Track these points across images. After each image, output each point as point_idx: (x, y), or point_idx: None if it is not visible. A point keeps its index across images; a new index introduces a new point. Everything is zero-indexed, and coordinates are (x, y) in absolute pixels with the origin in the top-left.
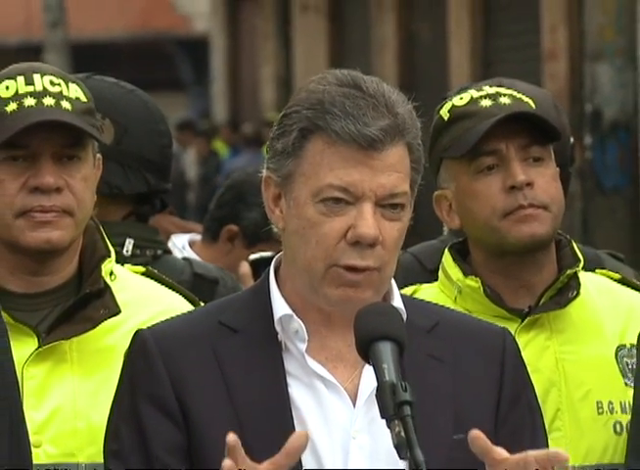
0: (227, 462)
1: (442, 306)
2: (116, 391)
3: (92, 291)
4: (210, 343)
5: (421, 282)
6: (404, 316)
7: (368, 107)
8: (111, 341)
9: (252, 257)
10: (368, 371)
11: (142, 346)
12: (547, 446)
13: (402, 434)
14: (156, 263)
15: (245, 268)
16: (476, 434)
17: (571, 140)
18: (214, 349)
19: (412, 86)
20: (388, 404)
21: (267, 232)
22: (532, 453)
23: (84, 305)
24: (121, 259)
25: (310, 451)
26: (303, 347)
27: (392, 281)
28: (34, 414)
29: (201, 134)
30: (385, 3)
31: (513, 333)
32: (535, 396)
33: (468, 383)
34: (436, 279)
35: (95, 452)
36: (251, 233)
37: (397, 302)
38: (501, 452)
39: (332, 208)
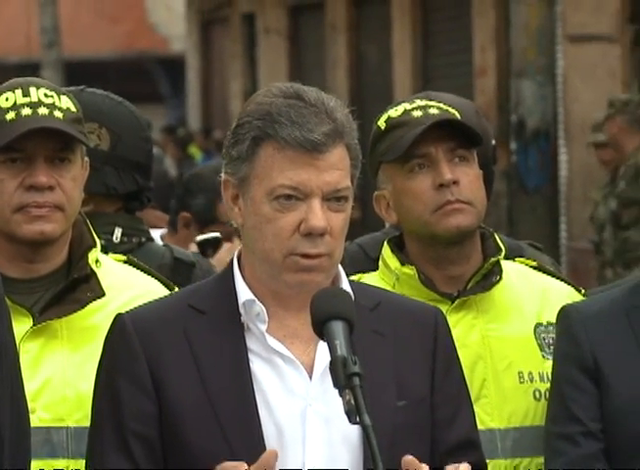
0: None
1: (383, 289)
2: (98, 367)
3: (80, 276)
4: (181, 324)
5: (366, 269)
6: (352, 298)
7: (310, 115)
8: (96, 320)
9: (198, 238)
10: (322, 347)
11: (121, 327)
12: (473, 414)
13: (352, 402)
14: (140, 249)
15: (193, 249)
16: (408, 460)
17: (493, 142)
18: (185, 329)
19: (361, 100)
20: (340, 376)
21: (214, 215)
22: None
23: (73, 288)
24: (111, 245)
25: (270, 419)
26: (264, 327)
27: (340, 267)
28: (29, 384)
29: (177, 140)
30: (337, 26)
31: (445, 313)
32: (462, 369)
33: (406, 355)
34: (378, 267)
35: (82, 417)
36: (200, 217)
37: (345, 285)
38: None
39: (284, 204)
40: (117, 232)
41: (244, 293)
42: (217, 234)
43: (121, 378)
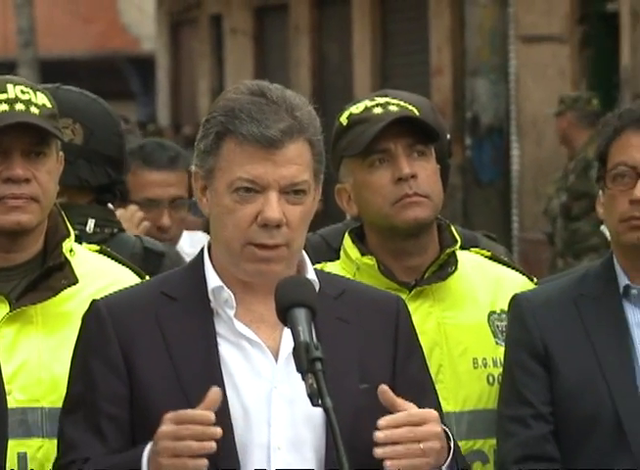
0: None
1: (347, 278)
2: (73, 350)
3: (54, 265)
4: (154, 310)
5: (328, 259)
6: (317, 286)
7: (270, 112)
8: (70, 306)
9: None
10: (287, 332)
11: (96, 313)
12: (438, 399)
13: (314, 385)
14: (112, 240)
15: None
16: (383, 388)
17: (448, 137)
18: (157, 315)
19: (323, 97)
20: (303, 361)
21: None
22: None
23: (47, 276)
24: (84, 236)
25: (237, 400)
26: (232, 313)
27: (306, 257)
28: (5, 367)
29: (147, 135)
30: (300, 28)
31: None
32: (424, 356)
33: (369, 341)
34: (340, 257)
35: (56, 399)
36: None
37: (311, 274)
38: (403, 403)
39: (243, 197)
40: (91, 223)
41: (213, 280)
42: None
43: (95, 361)
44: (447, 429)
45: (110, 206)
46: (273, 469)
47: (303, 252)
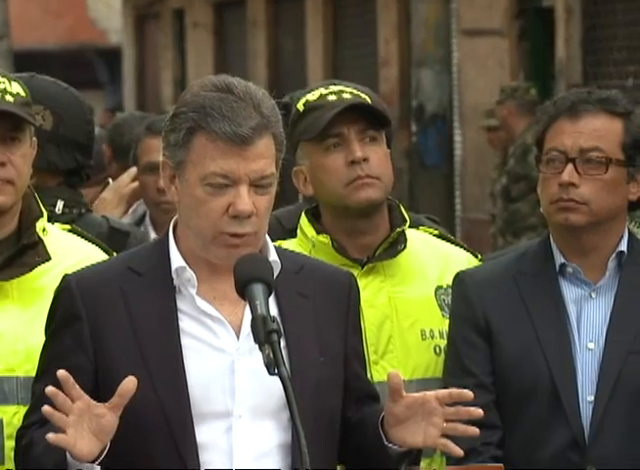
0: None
1: (304, 254)
2: (46, 322)
3: (28, 243)
4: (120, 284)
5: (280, 239)
6: (279, 267)
7: (240, 109)
8: (43, 282)
9: None
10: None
11: (67, 287)
12: (366, 365)
13: (271, 355)
14: (80, 219)
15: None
16: (394, 372)
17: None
18: (122, 289)
19: (279, 87)
20: (260, 332)
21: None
22: (432, 394)
23: (22, 253)
24: (54, 216)
25: (198, 372)
26: (194, 291)
27: (269, 239)
28: None
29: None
30: (257, 22)
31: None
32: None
33: (325, 314)
34: (293, 237)
35: (31, 368)
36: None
37: (273, 255)
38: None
39: (215, 189)
40: (60, 204)
41: (176, 260)
42: None
43: (64, 335)
44: None
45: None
46: (235, 437)
47: (266, 235)
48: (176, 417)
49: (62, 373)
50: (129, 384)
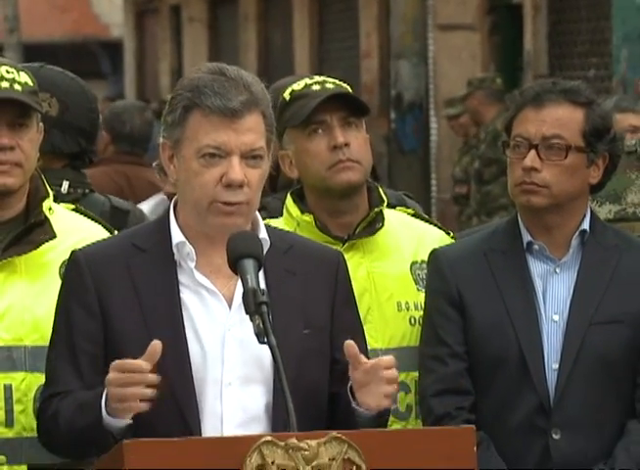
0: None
1: (295, 234)
2: (58, 295)
3: (35, 221)
4: (125, 259)
5: None
6: (268, 244)
7: (230, 87)
8: (49, 258)
9: None
10: (240, 282)
11: (75, 262)
12: (366, 344)
13: (261, 325)
14: (84, 199)
15: None
16: (349, 342)
17: None
18: (128, 264)
19: (268, 77)
20: (251, 304)
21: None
22: (379, 360)
23: (30, 231)
24: (60, 196)
25: (196, 341)
26: (192, 264)
27: (260, 218)
28: None
29: None
30: (248, 17)
31: None
32: (357, 305)
33: (312, 290)
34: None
35: (38, 338)
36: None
37: (263, 233)
38: (363, 358)
39: (209, 161)
40: (65, 185)
41: (176, 236)
42: None
43: (75, 305)
44: None
45: None
46: (224, 402)
47: (257, 212)
48: (180, 384)
49: (156, 344)
50: (157, 347)
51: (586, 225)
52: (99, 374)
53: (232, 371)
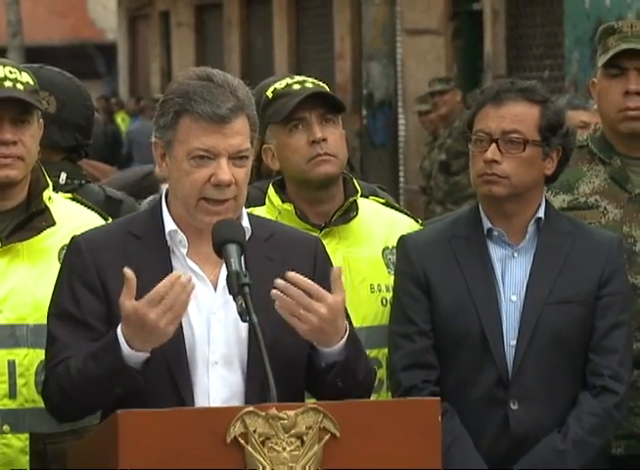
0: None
1: (276, 222)
2: (57, 278)
3: (36, 210)
4: (122, 246)
5: (260, 204)
6: (250, 232)
7: (219, 93)
8: (49, 243)
9: None
10: (225, 269)
11: (76, 246)
12: (349, 318)
13: (243, 305)
14: (81, 189)
15: None
16: (337, 268)
17: None
18: (125, 250)
19: (250, 78)
20: (234, 285)
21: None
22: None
23: (31, 219)
24: (58, 186)
25: (187, 323)
26: (185, 251)
27: (243, 208)
28: None
29: (108, 107)
30: (232, 21)
31: None
32: None
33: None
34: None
35: (39, 317)
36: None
37: (245, 222)
38: (328, 295)
39: (199, 162)
40: (63, 176)
41: (169, 224)
42: None
43: (78, 284)
44: (349, 328)
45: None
46: (211, 381)
47: None
48: (176, 365)
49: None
50: (128, 274)
51: (541, 213)
52: None
53: (217, 351)
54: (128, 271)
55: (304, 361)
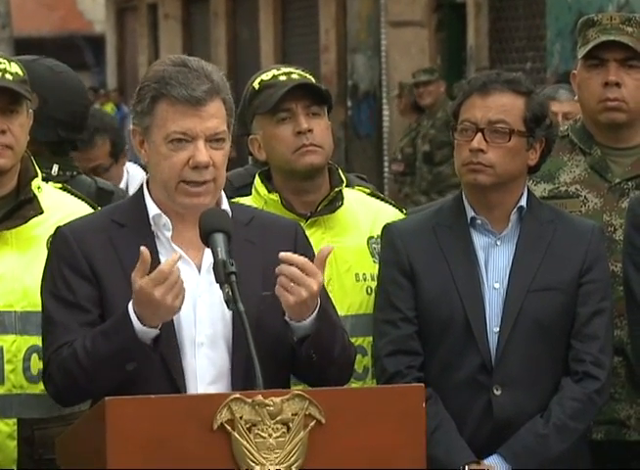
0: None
1: (256, 209)
2: (46, 266)
3: (25, 198)
4: (107, 233)
5: (230, 196)
6: (230, 214)
7: (193, 78)
8: (38, 232)
9: None
10: (208, 251)
11: (62, 235)
12: (332, 303)
13: (230, 293)
14: (73, 180)
15: None
16: (325, 249)
17: None
18: (110, 238)
19: (236, 69)
20: (221, 274)
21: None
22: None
23: (20, 208)
24: (51, 177)
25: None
26: (169, 234)
27: (223, 193)
28: None
29: (100, 97)
30: (218, 14)
31: None
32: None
33: (271, 257)
34: (241, 194)
35: (27, 304)
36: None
37: (225, 205)
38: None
39: (177, 145)
40: (55, 168)
41: (152, 209)
42: None
43: (69, 271)
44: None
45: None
46: (198, 361)
47: None
48: (167, 346)
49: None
50: (145, 253)
51: (524, 202)
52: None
53: (203, 332)
54: (145, 250)
55: (287, 338)
